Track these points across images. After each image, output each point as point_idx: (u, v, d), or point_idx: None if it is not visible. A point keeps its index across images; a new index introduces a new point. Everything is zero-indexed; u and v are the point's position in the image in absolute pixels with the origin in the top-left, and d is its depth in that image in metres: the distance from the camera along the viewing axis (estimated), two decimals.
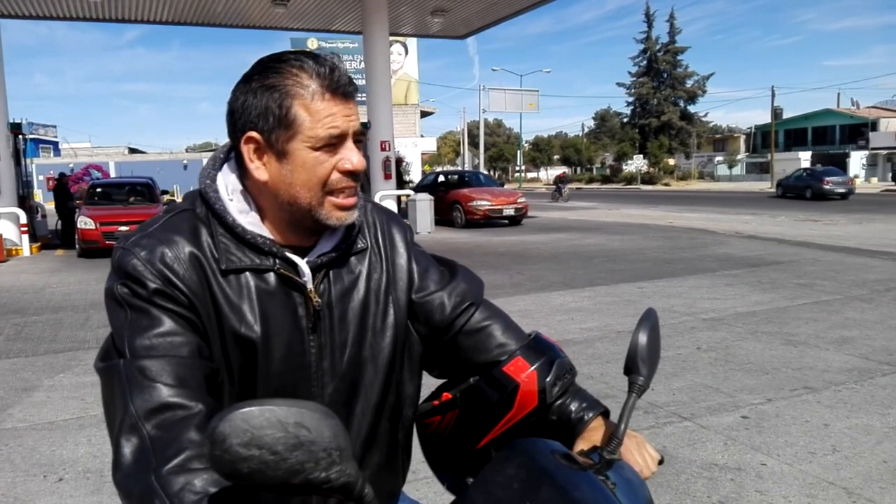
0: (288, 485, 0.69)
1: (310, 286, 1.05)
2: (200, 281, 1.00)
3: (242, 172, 1.06)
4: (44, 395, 4.69)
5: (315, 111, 0.98)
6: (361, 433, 1.12)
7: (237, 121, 1.02)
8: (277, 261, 1.04)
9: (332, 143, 1.00)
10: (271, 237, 1.05)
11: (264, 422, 0.67)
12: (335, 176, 1.01)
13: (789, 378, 4.66)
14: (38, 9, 16.85)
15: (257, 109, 1.00)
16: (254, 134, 1.01)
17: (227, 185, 1.06)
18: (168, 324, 0.95)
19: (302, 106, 0.98)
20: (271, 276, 1.04)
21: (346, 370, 1.09)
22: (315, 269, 1.07)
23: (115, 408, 0.89)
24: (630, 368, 1.02)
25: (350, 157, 1.02)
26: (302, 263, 1.05)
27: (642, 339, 1.02)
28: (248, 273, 1.03)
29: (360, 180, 1.04)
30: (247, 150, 1.03)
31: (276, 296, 1.04)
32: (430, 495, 2.88)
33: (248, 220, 1.04)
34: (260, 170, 1.02)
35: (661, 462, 1.06)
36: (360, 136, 1.04)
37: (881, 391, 4.35)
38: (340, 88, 1.00)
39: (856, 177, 50.53)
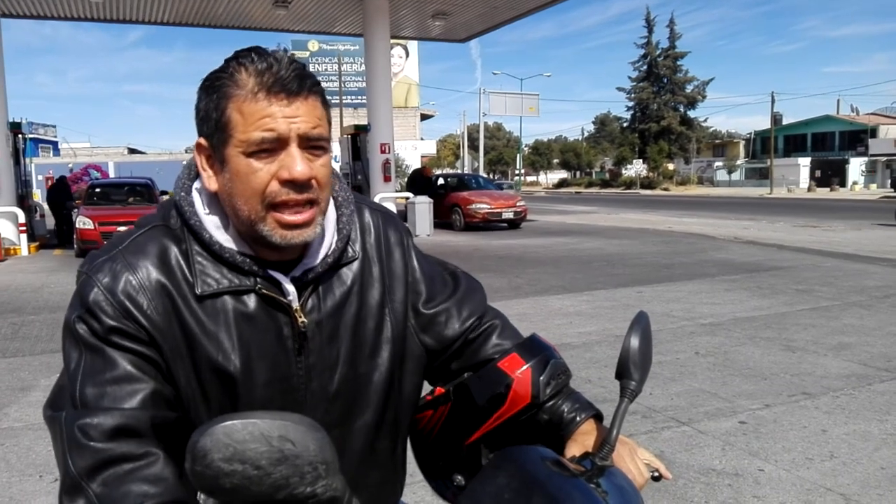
0: (272, 500, 0.67)
1: (295, 305, 0.97)
2: (167, 311, 0.92)
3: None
4: (40, 394, 4.68)
5: (248, 112, 0.88)
6: (358, 452, 1.06)
7: (196, 126, 0.95)
8: (259, 280, 0.95)
9: (268, 148, 0.89)
10: (252, 254, 0.96)
11: (247, 436, 0.64)
12: (274, 187, 0.89)
13: (787, 384, 4.66)
14: (39, 9, 16.86)
15: (201, 113, 0.93)
16: (202, 140, 0.95)
17: (204, 197, 0.98)
18: (122, 367, 0.88)
19: (235, 107, 0.89)
20: (251, 298, 0.96)
21: (338, 390, 1.02)
22: (302, 286, 0.98)
23: (59, 462, 0.86)
24: (622, 373, 1.00)
25: (290, 164, 0.89)
26: (286, 281, 0.97)
27: (634, 342, 1.00)
28: (225, 296, 0.95)
29: (314, 193, 0.92)
30: (199, 159, 0.96)
31: (257, 319, 0.96)
32: (426, 498, 2.87)
33: (226, 236, 0.96)
34: (211, 179, 0.95)
35: (657, 479, 1.03)
36: (314, 142, 0.91)
37: (879, 397, 4.35)
38: (278, 86, 0.88)
39: (855, 183, 50.66)
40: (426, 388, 1.19)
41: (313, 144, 0.91)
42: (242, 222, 0.93)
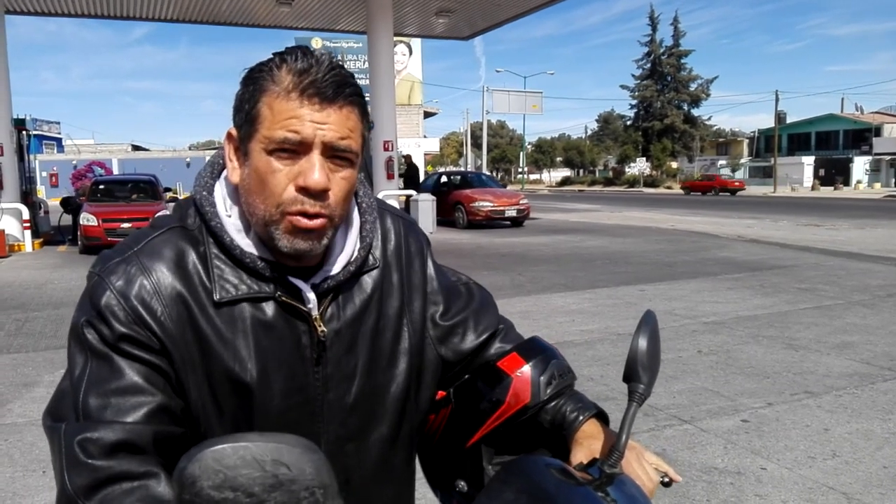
0: None
1: (315, 314, 0.94)
2: (181, 318, 0.89)
3: None
4: (44, 390, 4.70)
5: (278, 110, 0.85)
6: (373, 466, 1.03)
7: (232, 115, 0.93)
8: (278, 287, 0.92)
9: (290, 150, 0.86)
10: (272, 259, 0.93)
11: (238, 460, 0.60)
12: (290, 193, 0.86)
13: (790, 382, 4.66)
14: (44, 5, 16.88)
15: (236, 102, 0.91)
16: (232, 130, 0.92)
17: (225, 197, 0.95)
18: (129, 377, 0.85)
19: (267, 102, 0.86)
20: (270, 305, 0.93)
21: (354, 402, 0.99)
22: (322, 294, 0.95)
23: (56, 476, 0.82)
24: (630, 376, 0.96)
25: (307, 171, 0.85)
26: (306, 289, 0.93)
27: (642, 343, 0.95)
28: (243, 303, 0.92)
29: (328, 207, 0.88)
30: (228, 148, 0.94)
31: (275, 327, 0.93)
32: (428, 496, 2.87)
33: (247, 240, 0.92)
34: (234, 171, 0.92)
35: (667, 484, 0.99)
36: (340, 153, 0.88)
37: (882, 396, 4.34)
38: (313, 88, 0.85)
39: (859, 182, 50.55)
40: None
41: (338, 155, 0.88)
42: (257, 221, 0.90)
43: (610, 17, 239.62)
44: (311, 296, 0.93)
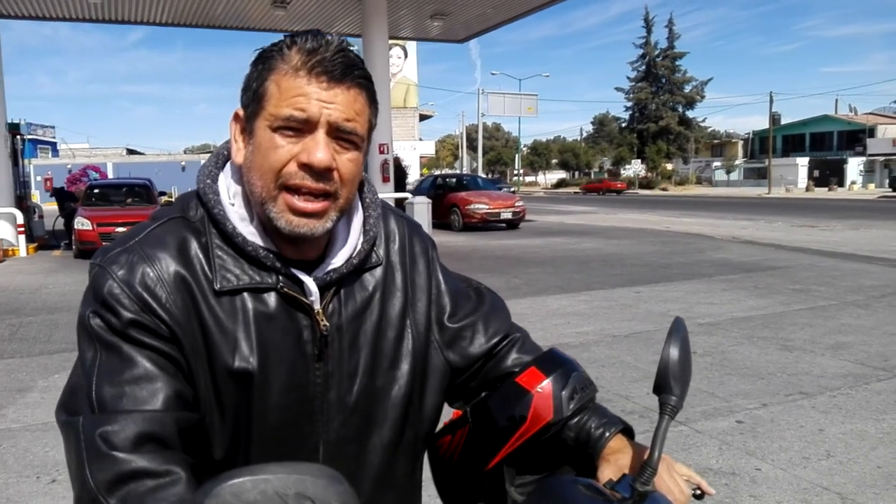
0: None
1: (317, 307, 0.92)
2: (186, 305, 0.87)
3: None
4: (38, 395, 4.68)
5: (285, 87, 0.85)
6: (375, 472, 1.00)
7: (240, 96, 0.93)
8: (281, 278, 0.91)
9: (295, 128, 0.85)
10: (276, 249, 0.92)
11: (259, 495, 0.56)
12: (291, 167, 0.86)
13: (784, 383, 4.67)
14: (38, 9, 16.84)
15: (245, 82, 0.91)
16: (239, 110, 0.92)
17: (229, 186, 0.94)
18: (141, 365, 0.84)
19: (275, 80, 0.86)
20: (272, 297, 0.91)
21: (356, 402, 0.97)
22: (323, 288, 0.93)
23: (73, 473, 0.80)
24: (661, 387, 0.92)
25: (311, 149, 0.85)
26: (309, 281, 0.92)
27: (673, 353, 0.91)
28: (245, 293, 0.90)
29: (332, 185, 0.88)
30: (234, 129, 0.93)
31: (277, 319, 0.91)
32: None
33: (250, 229, 0.91)
34: (239, 152, 0.92)
35: (699, 496, 0.95)
36: (345, 134, 0.87)
37: (876, 397, 4.36)
38: (321, 67, 0.85)
39: (853, 183, 50.75)
40: (444, 413, 1.13)
41: (344, 136, 0.88)
42: (256, 200, 0.89)
43: (606, 19, 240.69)
44: (314, 288, 0.92)
